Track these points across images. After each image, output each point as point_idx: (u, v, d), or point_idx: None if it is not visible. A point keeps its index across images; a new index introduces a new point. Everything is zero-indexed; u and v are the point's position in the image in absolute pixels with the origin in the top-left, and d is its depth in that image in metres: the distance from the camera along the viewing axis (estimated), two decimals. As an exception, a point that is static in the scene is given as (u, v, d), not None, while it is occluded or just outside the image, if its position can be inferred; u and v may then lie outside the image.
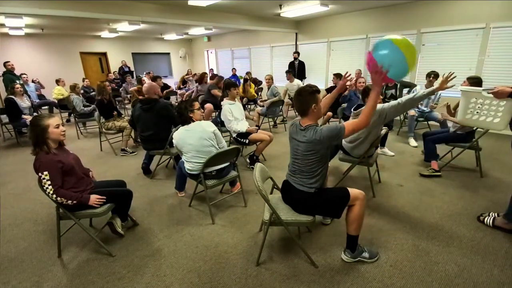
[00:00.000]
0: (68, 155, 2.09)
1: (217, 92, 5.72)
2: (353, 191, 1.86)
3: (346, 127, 1.73)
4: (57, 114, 6.51)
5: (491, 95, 2.19)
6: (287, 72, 6.35)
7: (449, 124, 3.55)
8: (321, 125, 1.82)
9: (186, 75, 9.04)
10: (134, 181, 3.47)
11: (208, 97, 5.81)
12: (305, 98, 1.79)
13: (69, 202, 1.95)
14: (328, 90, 5.24)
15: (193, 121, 2.61)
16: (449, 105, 3.62)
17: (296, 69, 7.78)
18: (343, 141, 2.99)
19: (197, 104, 2.66)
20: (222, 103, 3.78)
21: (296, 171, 1.91)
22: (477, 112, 2.51)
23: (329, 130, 1.73)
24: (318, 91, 1.81)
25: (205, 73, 7.29)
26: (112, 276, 1.93)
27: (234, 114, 3.68)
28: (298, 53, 8.08)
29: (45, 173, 1.88)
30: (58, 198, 1.92)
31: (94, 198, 2.05)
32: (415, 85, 5.07)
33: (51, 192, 1.90)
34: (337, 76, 5.26)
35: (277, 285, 1.82)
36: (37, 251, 2.23)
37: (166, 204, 2.91)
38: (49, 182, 1.89)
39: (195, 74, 8.93)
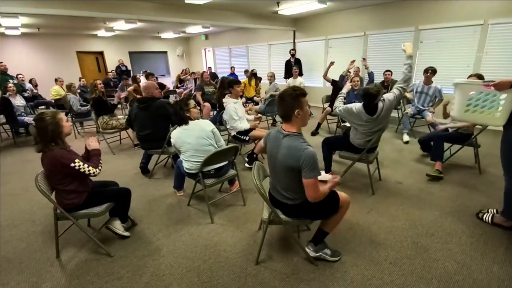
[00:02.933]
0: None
1: (199, 96, 5.75)
2: (342, 196, 1.83)
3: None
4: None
5: (490, 88, 2.13)
6: (294, 66, 6.47)
7: (442, 127, 3.54)
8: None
9: (183, 74, 8.97)
10: (132, 180, 3.46)
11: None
12: (288, 103, 1.61)
13: (100, 166, 2.04)
14: (333, 83, 5.26)
15: (191, 120, 2.59)
16: (447, 104, 3.55)
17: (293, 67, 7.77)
18: (352, 139, 2.93)
19: (192, 103, 2.63)
20: (224, 101, 3.70)
21: (276, 188, 1.80)
22: (475, 107, 2.39)
23: (313, 161, 1.55)
24: (303, 94, 1.63)
25: (205, 71, 7.28)
26: (111, 276, 1.92)
27: (239, 113, 3.62)
28: (295, 50, 8.09)
29: (76, 161, 1.89)
30: (98, 169, 2.00)
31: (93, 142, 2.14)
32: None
33: (93, 171, 1.95)
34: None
35: (277, 283, 1.81)
36: (36, 252, 2.22)
37: (164, 203, 2.90)
38: (86, 166, 1.92)
39: (192, 72, 8.87)
